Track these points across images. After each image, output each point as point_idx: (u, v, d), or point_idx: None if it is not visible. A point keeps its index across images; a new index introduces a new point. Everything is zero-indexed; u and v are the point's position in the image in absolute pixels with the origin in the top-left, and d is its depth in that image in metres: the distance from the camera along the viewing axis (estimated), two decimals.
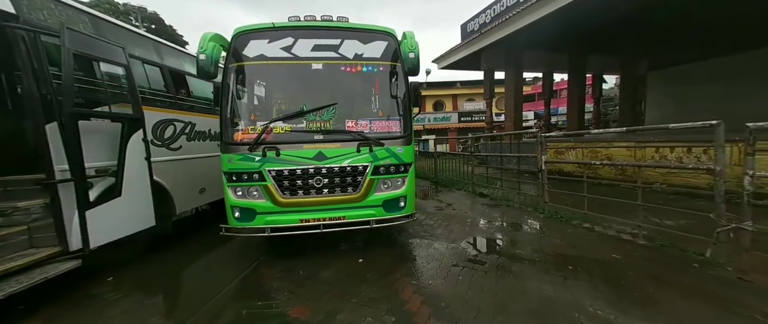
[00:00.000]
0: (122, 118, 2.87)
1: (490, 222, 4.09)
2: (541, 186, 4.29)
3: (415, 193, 3.38)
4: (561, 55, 10.46)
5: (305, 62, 3.18)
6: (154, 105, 3.56)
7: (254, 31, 3.17)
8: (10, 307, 2.15)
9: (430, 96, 25.63)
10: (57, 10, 2.66)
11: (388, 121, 3.24)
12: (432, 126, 23.53)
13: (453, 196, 5.88)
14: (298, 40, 3.21)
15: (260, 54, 3.14)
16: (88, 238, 2.46)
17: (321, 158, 2.94)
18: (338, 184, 2.98)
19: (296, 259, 3.03)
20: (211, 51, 2.85)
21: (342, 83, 3.36)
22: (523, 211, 4.54)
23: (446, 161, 7.33)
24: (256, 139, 2.88)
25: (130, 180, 2.90)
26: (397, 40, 3.29)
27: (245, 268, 2.88)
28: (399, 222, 3.11)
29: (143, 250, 3.30)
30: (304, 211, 2.93)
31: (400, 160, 3.16)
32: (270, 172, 2.87)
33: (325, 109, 3.12)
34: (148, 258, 3.19)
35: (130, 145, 2.93)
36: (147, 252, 3.31)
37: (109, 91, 2.86)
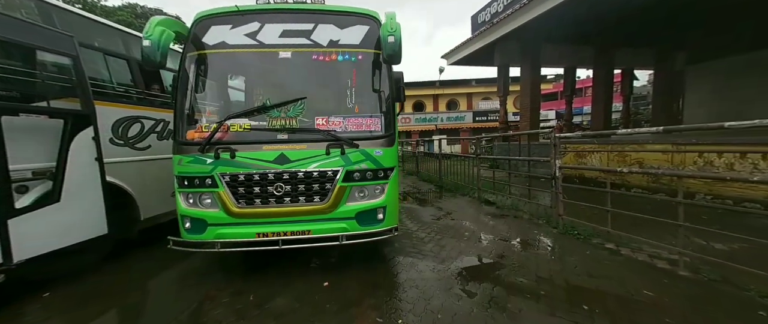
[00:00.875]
0: (64, 114, 2.56)
1: (491, 237, 3.51)
2: (554, 195, 3.64)
3: (397, 203, 2.87)
4: (585, 49, 9.51)
5: (271, 50, 2.77)
6: (116, 100, 3.27)
7: (216, 16, 2.79)
8: None
9: (443, 95, 24.85)
10: None
11: (366, 119, 2.76)
12: (445, 125, 22.76)
13: (455, 204, 5.30)
14: (265, 25, 2.80)
15: (221, 41, 2.76)
16: (11, 251, 2.14)
17: (283, 161, 2.50)
18: (303, 192, 2.53)
19: (254, 278, 2.62)
20: (158, 37, 2.48)
21: (313, 74, 2.91)
22: (533, 225, 3.91)
23: (452, 163, 6.72)
24: (208, 139, 2.48)
25: (74, 183, 2.59)
26: (380, 24, 2.80)
27: (188, 289, 2.49)
28: (376, 238, 2.62)
29: (100, 259, 3.01)
30: (262, 224, 2.51)
31: (378, 164, 2.66)
32: (223, 176, 2.47)
33: (291, 105, 2.69)
34: (101, 269, 2.89)
35: (75, 144, 2.62)
36: (105, 261, 3.01)
37: (49, 84, 2.57)
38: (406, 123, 22.25)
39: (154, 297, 2.55)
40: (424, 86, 24.36)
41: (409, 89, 23.32)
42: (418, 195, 6.17)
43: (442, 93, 24.73)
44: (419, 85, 24.21)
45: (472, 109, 24.84)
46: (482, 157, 5.46)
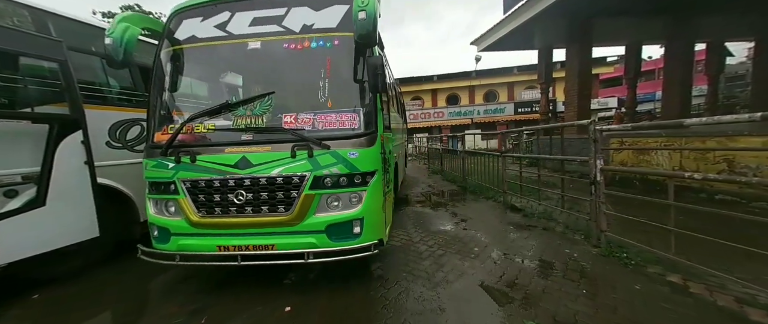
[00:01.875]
0: (49, 119, 2.59)
1: (507, 255, 2.85)
2: (595, 205, 2.82)
3: (381, 214, 2.42)
4: (653, 20, 7.76)
5: (240, 41, 2.48)
6: (114, 104, 3.32)
7: (189, 9, 2.61)
8: None
9: (480, 86, 23.12)
10: None
11: (341, 115, 2.34)
12: (482, 119, 21.19)
13: (475, 208, 4.61)
14: (236, 14, 2.53)
15: (191, 36, 2.57)
16: None
17: (244, 165, 2.21)
18: (265, 200, 2.22)
19: (217, 294, 2.41)
20: (121, 35, 2.35)
21: (284, 65, 2.56)
22: (566, 240, 3.12)
23: (476, 162, 5.94)
24: (169, 141, 2.30)
25: (61, 187, 2.63)
26: None
27: (159, 301, 2.36)
28: (350, 257, 2.20)
29: (101, 259, 3.09)
30: (223, 236, 2.26)
31: (352, 168, 2.23)
32: (184, 182, 2.27)
33: (258, 101, 2.38)
34: (93, 271, 2.94)
35: (62, 148, 2.65)
36: (106, 262, 3.09)
37: (35, 89, 2.62)
38: (439, 117, 21.23)
39: (123, 309, 2.46)
40: (459, 78, 22.93)
41: (442, 81, 22.31)
42: (434, 197, 5.57)
43: (479, 84, 23.02)
44: (453, 77, 22.87)
45: (514, 99, 22.75)
46: (508, 155, 4.65)
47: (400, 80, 22.88)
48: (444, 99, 23.44)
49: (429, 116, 21.21)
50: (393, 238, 3.43)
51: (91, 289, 2.63)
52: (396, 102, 5.48)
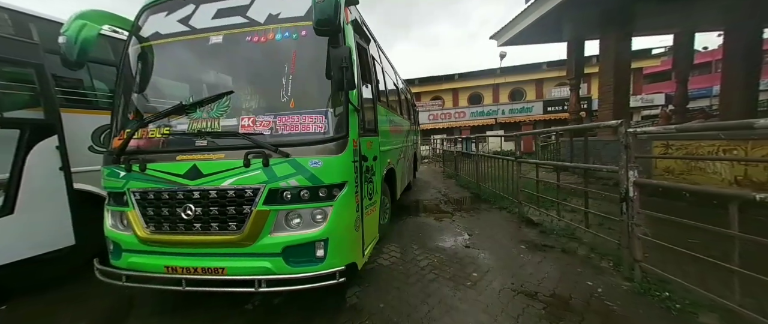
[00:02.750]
0: (20, 124, 2.51)
1: (511, 285, 2.33)
2: (627, 228, 2.23)
3: (352, 233, 2.05)
4: (707, 2, 6.61)
5: (201, 37, 2.24)
6: (98, 107, 3.25)
7: (154, 4, 2.42)
8: None
9: (505, 84, 21.86)
10: None
11: (303, 117, 2.00)
12: (507, 118, 19.99)
13: (485, 220, 4.07)
14: (200, 6, 2.30)
15: (155, 32, 2.37)
16: None
17: (194, 176, 1.95)
18: (216, 216, 1.93)
19: (169, 319, 2.14)
20: (76, 33, 2.19)
21: (245, 61, 2.28)
22: (590, 267, 2.53)
23: (491, 166, 5.32)
24: (120, 147, 2.09)
25: (34, 194, 2.54)
26: None
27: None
28: (310, 286, 1.85)
29: (81, 267, 3.00)
30: (172, 255, 2.01)
31: (314, 179, 1.89)
32: (133, 193, 2.05)
33: (214, 103, 2.11)
34: (71, 280, 2.84)
35: (34, 154, 2.56)
36: (86, 269, 3.00)
37: (5, 93, 2.55)
38: (460, 118, 20.33)
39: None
40: (482, 76, 21.85)
41: (464, 80, 21.49)
42: (442, 205, 5.07)
43: (504, 82, 21.76)
44: (476, 75, 21.84)
45: (542, 97, 21.25)
46: (522, 160, 4.05)
47: (419, 80, 22.34)
48: (466, 98, 22.48)
49: (449, 117, 20.39)
50: (382, 254, 3.03)
51: (61, 301, 2.51)
52: (401, 102, 5.07)
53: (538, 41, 8.78)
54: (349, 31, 2.22)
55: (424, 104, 21.65)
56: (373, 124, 2.78)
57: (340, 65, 1.83)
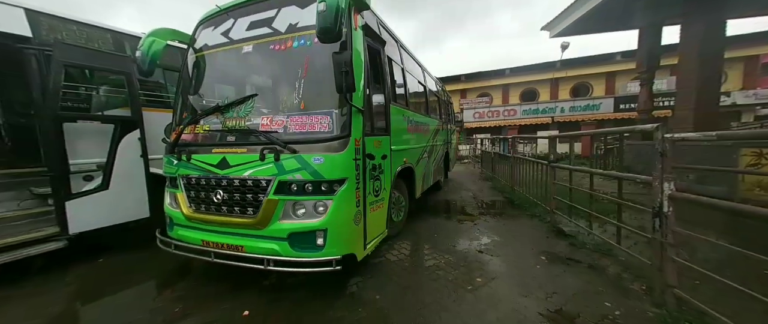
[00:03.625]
0: (113, 120, 3.25)
1: (513, 297, 2.22)
2: (659, 248, 1.93)
3: (351, 226, 2.20)
4: None
5: (235, 46, 2.61)
6: (170, 107, 3.95)
7: (206, 19, 2.89)
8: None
9: (566, 78, 19.58)
10: (78, 30, 3.24)
11: (311, 117, 2.20)
12: (567, 117, 17.97)
13: (510, 227, 3.84)
14: (238, 20, 2.68)
15: (203, 44, 2.84)
16: (67, 225, 2.88)
17: (224, 166, 2.32)
18: (238, 201, 2.27)
19: (204, 285, 2.60)
20: (147, 48, 2.75)
21: (270, 67, 2.59)
22: (616, 288, 2.26)
23: (527, 170, 4.92)
24: (174, 141, 2.58)
25: (122, 175, 3.27)
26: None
27: (167, 281, 2.69)
28: (308, 270, 2.08)
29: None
30: (207, 231, 2.42)
31: (316, 175, 2.09)
32: (182, 178, 2.52)
33: (242, 104, 2.45)
34: (143, 246, 3.55)
35: (123, 144, 3.30)
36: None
37: (107, 96, 3.31)
38: (510, 115, 18.88)
39: (143, 279, 2.87)
40: (538, 70, 19.88)
41: (516, 75, 19.98)
42: (467, 208, 4.90)
43: (565, 76, 19.50)
44: (530, 69, 19.97)
45: (614, 93, 18.51)
46: (555, 165, 3.68)
47: (465, 76, 21.32)
48: (517, 95, 20.78)
49: (497, 114, 19.09)
50: (392, 250, 3.13)
51: (138, 259, 3.18)
52: (428, 102, 5.02)
53: (600, 30, 7.71)
54: (357, 36, 2.35)
55: (470, 101, 20.63)
56: (385, 124, 2.87)
57: (342, 70, 1.97)
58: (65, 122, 2.90)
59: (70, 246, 2.96)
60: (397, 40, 3.63)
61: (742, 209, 1.49)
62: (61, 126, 2.87)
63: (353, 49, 2.25)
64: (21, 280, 2.69)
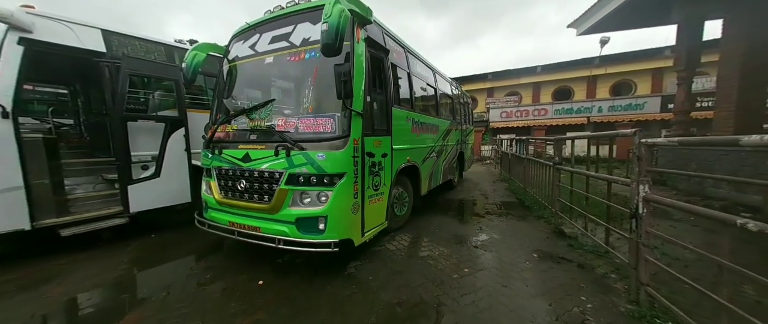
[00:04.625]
0: (164, 119, 3.89)
1: (492, 286, 2.40)
2: (635, 247, 2.02)
3: (349, 215, 2.54)
4: None
5: (259, 57, 3.06)
6: (206, 108, 4.59)
7: (237, 34, 3.38)
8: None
9: (605, 75, 18.26)
10: (139, 44, 3.93)
11: (317, 119, 2.57)
12: (604, 117, 16.80)
13: (513, 227, 3.94)
14: (262, 35, 3.13)
15: (235, 55, 3.33)
16: (129, 205, 3.56)
17: (246, 160, 2.77)
18: (256, 189, 2.71)
19: (231, 258, 3.09)
20: (191, 60, 3.30)
21: (286, 76, 3.00)
22: (598, 285, 2.35)
23: (536, 171, 4.89)
24: (209, 138, 3.10)
25: (170, 166, 3.92)
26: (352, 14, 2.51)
27: (202, 254, 3.25)
28: (312, 249, 2.45)
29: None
30: (232, 214, 2.89)
31: (319, 169, 2.45)
32: (215, 169, 3.02)
33: (263, 107, 2.89)
34: (185, 226, 4.19)
35: (172, 139, 3.94)
36: None
37: (160, 99, 3.97)
38: (540, 115, 18.04)
39: (186, 252, 3.45)
40: (573, 67, 18.79)
41: (548, 73, 19.11)
42: (475, 207, 5.02)
43: (604, 73, 18.20)
44: (564, 67, 18.92)
45: (662, 91, 16.93)
46: (560, 167, 3.69)
47: (492, 74, 20.73)
48: (549, 93, 19.79)
49: (526, 114, 18.34)
50: (393, 241, 3.42)
51: (181, 236, 3.81)
52: (439, 104, 5.20)
53: (634, 25, 7.23)
54: (359, 48, 2.67)
55: (496, 100, 20.05)
56: (386, 125, 3.16)
57: (341, 79, 2.30)
58: (129, 121, 3.58)
59: (130, 223, 3.64)
60: (405, 47, 3.89)
61: (702, 212, 1.57)
62: (126, 124, 3.55)
63: (355, 60, 2.56)
64: (94, 247, 3.39)
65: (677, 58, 6.68)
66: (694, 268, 2.46)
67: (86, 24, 3.49)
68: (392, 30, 3.61)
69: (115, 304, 2.28)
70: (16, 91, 2.91)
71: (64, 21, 3.31)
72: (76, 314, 2.18)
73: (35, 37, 3.04)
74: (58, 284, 2.56)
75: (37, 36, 3.06)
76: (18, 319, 2.05)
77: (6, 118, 2.83)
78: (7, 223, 2.87)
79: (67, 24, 3.32)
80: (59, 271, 2.79)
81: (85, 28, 3.46)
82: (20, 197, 2.92)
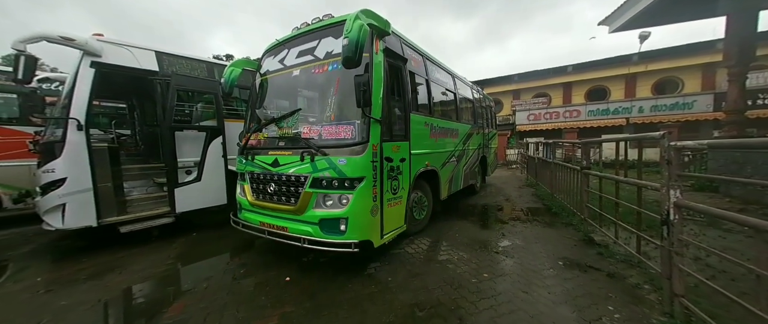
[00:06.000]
0: (205, 129, 4.31)
1: (513, 293, 2.37)
2: (667, 256, 1.90)
3: (368, 217, 2.66)
4: None
5: (287, 71, 3.32)
6: (241, 118, 4.99)
7: (268, 49, 3.69)
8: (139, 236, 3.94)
9: (646, 73, 16.88)
10: (184, 62, 4.41)
11: (339, 127, 2.75)
12: (647, 118, 15.56)
13: (538, 233, 3.81)
14: (290, 50, 3.39)
15: (266, 69, 3.63)
16: (175, 206, 3.98)
17: (276, 165, 3.01)
18: (284, 192, 2.92)
19: (261, 256, 3.33)
20: (228, 75, 3.65)
21: (311, 87, 3.22)
22: (629, 295, 2.23)
23: (563, 176, 4.67)
24: (243, 145, 3.40)
25: (209, 171, 4.32)
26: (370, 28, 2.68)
27: (237, 251, 3.54)
28: (334, 249, 2.60)
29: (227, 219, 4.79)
30: (263, 215, 3.13)
31: (340, 173, 2.61)
32: (248, 173, 3.30)
33: (290, 117, 3.13)
34: (222, 225, 4.56)
35: (211, 147, 4.36)
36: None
37: (201, 111, 4.41)
38: (572, 117, 17.07)
39: (226, 248, 3.76)
40: (608, 65, 17.58)
41: (580, 72, 18.13)
42: (498, 213, 4.91)
43: (645, 70, 16.83)
44: (598, 65, 17.77)
45: (715, 88, 15.33)
46: (588, 172, 3.52)
47: (519, 75, 19.96)
48: (582, 94, 18.66)
49: (557, 116, 17.45)
50: (412, 244, 3.48)
51: (218, 235, 4.17)
52: (459, 109, 5.20)
53: (673, 19, 6.69)
54: (378, 59, 2.81)
55: (523, 102, 19.28)
56: (404, 131, 3.26)
57: (361, 89, 2.45)
58: (176, 131, 4.02)
59: (175, 222, 4.06)
60: (423, 55, 3.98)
61: (733, 218, 1.47)
62: (174, 133, 3.99)
63: (373, 70, 2.71)
64: (146, 243, 3.82)
65: (727, 53, 6.08)
66: (743, 283, 2.25)
67: (143, 47, 4.01)
68: (412, 39, 3.73)
69: (164, 293, 2.57)
70: (88, 107, 3.41)
71: (126, 45, 3.82)
72: (133, 300, 2.50)
73: (103, 60, 3.56)
74: (119, 274, 2.94)
75: (105, 59, 3.57)
76: (88, 303, 2.40)
77: (80, 130, 3.33)
78: (80, 219, 3.35)
79: (128, 48, 3.84)
80: (119, 263, 3.19)
81: (141, 51, 3.97)
82: (90, 198, 3.40)
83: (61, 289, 2.66)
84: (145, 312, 2.28)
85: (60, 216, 3.29)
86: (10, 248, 3.81)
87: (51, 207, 3.28)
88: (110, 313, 2.34)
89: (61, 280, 2.83)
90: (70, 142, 3.29)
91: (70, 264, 3.20)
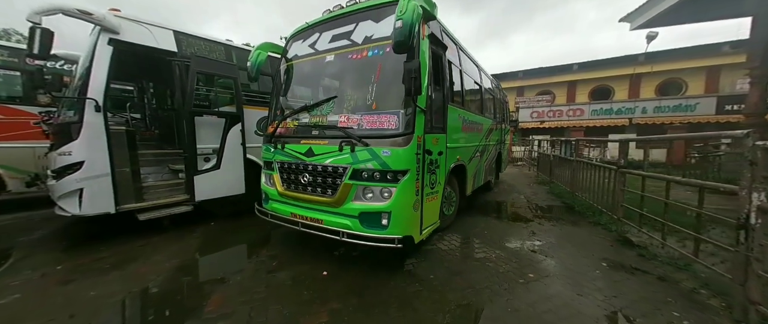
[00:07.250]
0: (224, 115, 4.12)
1: (567, 294, 2.28)
2: (744, 261, 1.82)
3: (411, 211, 2.53)
4: None
5: (320, 56, 3.14)
6: (260, 105, 4.80)
7: (295, 33, 3.48)
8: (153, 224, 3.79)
9: (651, 74, 16.83)
10: (203, 44, 4.18)
11: (382, 116, 2.59)
12: (650, 119, 15.55)
13: (568, 232, 3.73)
14: (322, 34, 3.20)
15: (294, 54, 3.44)
16: (195, 193, 3.81)
17: (310, 154, 2.85)
18: (320, 183, 2.78)
19: (291, 248, 3.20)
20: (254, 59, 3.46)
21: (348, 73, 3.05)
22: (690, 301, 2.16)
23: (588, 174, 4.57)
24: (271, 133, 3.23)
25: (228, 158, 4.15)
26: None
27: (262, 241, 3.41)
28: (375, 244, 2.46)
29: (248, 208, 4.63)
30: (295, 206, 2.99)
31: (384, 165, 2.46)
32: (277, 162, 3.14)
33: (324, 104, 2.96)
34: (242, 215, 4.41)
35: (230, 134, 4.17)
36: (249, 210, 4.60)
37: (221, 96, 4.21)
38: (575, 116, 17.02)
39: (246, 240, 3.62)
40: (613, 64, 17.52)
41: (585, 71, 18.03)
42: (520, 210, 4.83)
43: (650, 71, 16.77)
44: (604, 64, 17.69)
45: (718, 91, 15.36)
46: (625, 170, 3.43)
47: (523, 72, 19.78)
48: (586, 93, 18.60)
49: (559, 114, 17.38)
50: (443, 240, 3.38)
51: (239, 225, 4.03)
52: (484, 101, 5.06)
53: (695, 19, 6.57)
54: (424, 45, 2.64)
55: (527, 99, 19.17)
56: (442, 122, 3.12)
57: (411, 75, 2.29)
58: (196, 116, 3.82)
59: (190, 212, 3.90)
60: (457, 43, 3.81)
61: None
62: (194, 119, 3.80)
63: (420, 56, 2.55)
64: (164, 231, 3.67)
65: (751, 54, 5.99)
66: None
67: (161, 25, 3.77)
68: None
69: (197, 285, 2.44)
70: (106, 88, 3.20)
71: (145, 23, 3.59)
72: (165, 292, 2.36)
73: (121, 38, 3.33)
74: (142, 264, 2.79)
75: (123, 37, 3.34)
76: (120, 293, 2.26)
77: (99, 112, 3.13)
78: (98, 205, 3.17)
79: (147, 26, 3.60)
80: (141, 252, 3.04)
81: (160, 30, 3.74)
82: (108, 183, 3.23)
83: (85, 278, 2.51)
84: (182, 305, 2.14)
85: (77, 201, 3.11)
86: (19, 233, 3.64)
87: (67, 191, 3.09)
88: (144, 304, 2.21)
89: (82, 269, 2.68)
90: (88, 123, 3.08)
91: (88, 252, 3.04)
